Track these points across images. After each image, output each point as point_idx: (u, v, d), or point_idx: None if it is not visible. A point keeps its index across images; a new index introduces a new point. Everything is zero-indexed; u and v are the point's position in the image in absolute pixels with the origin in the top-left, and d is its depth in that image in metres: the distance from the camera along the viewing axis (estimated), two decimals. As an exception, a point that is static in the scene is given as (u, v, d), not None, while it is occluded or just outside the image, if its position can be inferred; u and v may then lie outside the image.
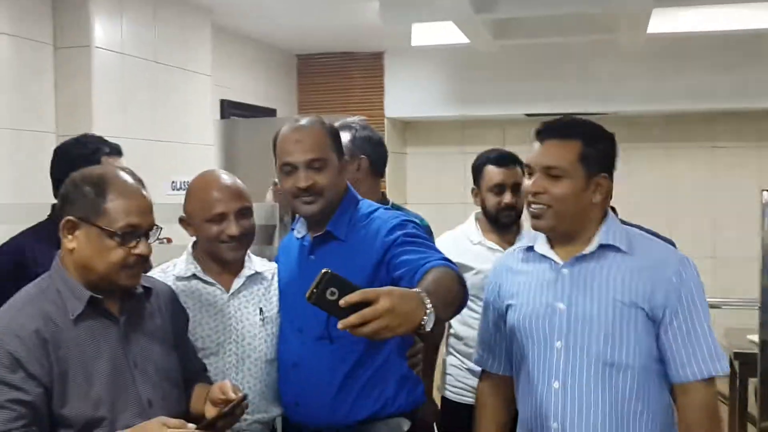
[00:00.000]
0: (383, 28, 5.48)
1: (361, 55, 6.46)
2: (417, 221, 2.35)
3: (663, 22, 5.15)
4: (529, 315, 2.06)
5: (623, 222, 2.19)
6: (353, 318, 1.49)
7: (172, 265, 2.37)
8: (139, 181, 1.90)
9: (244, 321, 2.30)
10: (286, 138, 2.21)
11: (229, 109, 5.54)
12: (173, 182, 4.55)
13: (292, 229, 2.42)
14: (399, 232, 2.12)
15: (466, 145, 6.71)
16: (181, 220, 2.34)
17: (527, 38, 5.34)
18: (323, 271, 1.53)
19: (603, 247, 2.00)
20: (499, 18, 5.05)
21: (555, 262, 2.05)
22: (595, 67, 6.08)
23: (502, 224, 3.11)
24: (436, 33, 5.42)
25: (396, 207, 2.86)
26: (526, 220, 3.21)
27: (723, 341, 5.54)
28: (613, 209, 2.19)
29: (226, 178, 2.32)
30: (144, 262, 1.89)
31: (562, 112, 6.21)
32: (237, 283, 2.33)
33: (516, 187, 3.04)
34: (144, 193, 1.88)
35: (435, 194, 6.74)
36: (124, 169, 1.95)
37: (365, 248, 2.16)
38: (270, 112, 6.00)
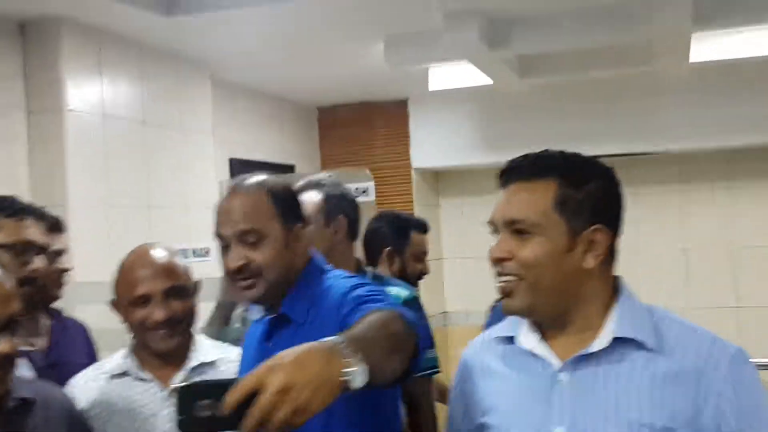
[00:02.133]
0: (404, 73, 5.13)
1: (383, 103, 6.09)
2: (395, 294, 1.95)
3: (707, 49, 4.63)
4: None
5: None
6: (248, 423, 1.09)
7: (109, 362, 2.07)
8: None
9: None
10: (218, 207, 1.83)
11: (240, 167, 5.21)
12: (168, 251, 4.21)
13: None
14: (351, 298, 1.70)
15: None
16: (113, 304, 2.03)
17: (555, 75, 4.89)
18: (176, 388, 1.16)
19: (618, 342, 1.37)
20: (521, 54, 4.62)
21: (547, 362, 1.42)
22: (636, 101, 5.55)
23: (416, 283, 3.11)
24: (456, 75, 5.02)
25: (377, 278, 2.43)
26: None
27: None
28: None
29: (156, 253, 2.00)
30: (6, 364, 1.52)
31: (605, 153, 5.75)
32: (178, 377, 1.99)
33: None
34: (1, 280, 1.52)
35: (473, 248, 6.27)
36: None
37: (324, 329, 1.72)
38: (287, 169, 5.65)
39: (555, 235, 1.37)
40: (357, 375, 1.17)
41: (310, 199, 2.41)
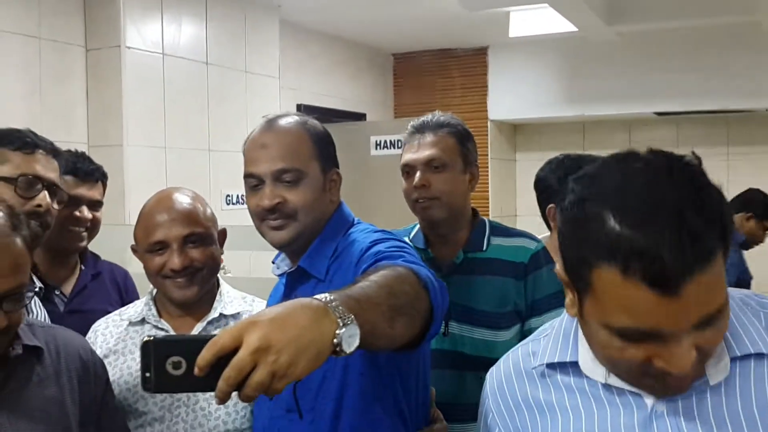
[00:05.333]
0: (484, 19, 4.84)
1: (462, 51, 5.81)
2: (519, 245, 2.03)
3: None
4: None
5: None
6: (221, 385, 0.96)
7: (132, 307, 1.98)
8: (13, 225, 1.42)
9: None
10: (252, 142, 1.69)
11: (309, 114, 5.03)
12: (227, 196, 4.10)
13: (273, 263, 1.87)
14: (369, 254, 1.53)
15: (586, 149, 5.91)
16: (132, 249, 1.92)
17: (646, 23, 4.50)
18: (143, 341, 1.01)
19: (735, 363, 1.01)
20: (608, -1, 4.28)
21: (635, 394, 1.04)
22: (735, 54, 5.10)
23: None
24: (538, 21, 4.71)
25: (498, 228, 2.12)
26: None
27: None
28: None
29: (178, 197, 1.88)
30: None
31: (698, 109, 5.36)
32: (196, 329, 1.88)
33: None
34: (9, 247, 1.40)
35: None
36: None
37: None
38: (358, 117, 5.46)
39: None
40: (349, 338, 1.02)
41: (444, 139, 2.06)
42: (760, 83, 5.07)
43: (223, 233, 1.95)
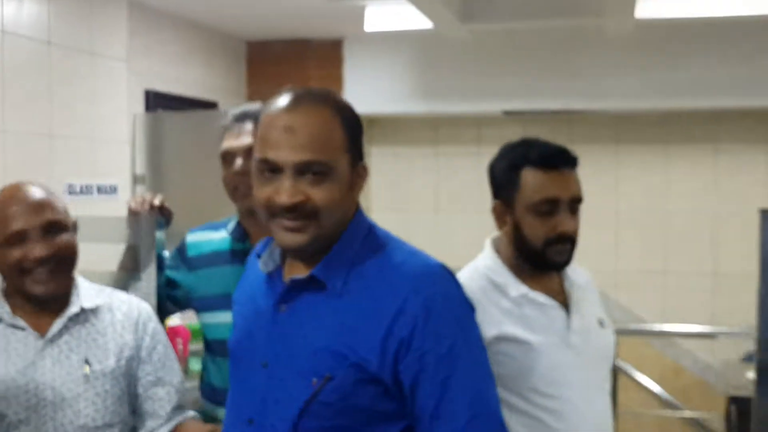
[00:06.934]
0: (340, 11, 4.82)
1: (317, 42, 5.76)
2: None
3: (653, 6, 4.45)
4: None
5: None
6: None
7: None
8: None
9: (64, 376, 1.80)
10: (274, 120, 1.39)
11: (157, 101, 4.85)
12: (70, 185, 3.86)
13: (259, 256, 1.53)
14: (437, 372, 1.35)
15: (439, 145, 6.05)
16: None
17: (498, 22, 4.64)
18: None
19: None
20: (464, -3, 4.37)
21: None
22: (579, 57, 5.35)
23: (551, 264, 1.90)
24: (394, 16, 4.75)
25: None
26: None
27: (719, 378, 4.85)
28: None
29: (30, 190, 1.85)
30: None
31: (543, 108, 5.59)
32: (57, 325, 1.83)
33: (575, 204, 1.90)
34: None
35: (403, 200, 6.12)
36: None
37: (369, 318, 1.37)
38: (210, 105, 5.30)
39: None
40: None
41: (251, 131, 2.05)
42: (602, 85, 5.35)
43: (75, 224, 1.91)
